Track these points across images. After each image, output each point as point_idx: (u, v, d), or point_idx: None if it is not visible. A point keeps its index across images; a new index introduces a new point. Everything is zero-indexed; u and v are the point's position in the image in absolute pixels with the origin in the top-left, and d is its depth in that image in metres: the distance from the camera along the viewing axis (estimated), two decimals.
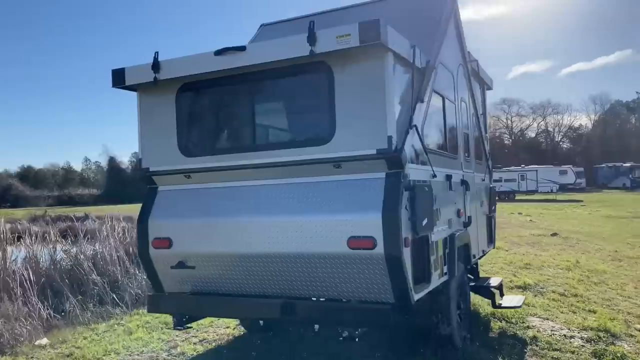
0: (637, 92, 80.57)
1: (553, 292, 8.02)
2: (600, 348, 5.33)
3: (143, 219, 4.76)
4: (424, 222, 4.07)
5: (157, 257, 4.71)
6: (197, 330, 6.50)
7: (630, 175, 56.72)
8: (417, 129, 4.15)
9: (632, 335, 5.94)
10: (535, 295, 7.74)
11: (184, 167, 4.63)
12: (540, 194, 47.16)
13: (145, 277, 10.52)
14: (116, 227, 13.00)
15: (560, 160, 61.42)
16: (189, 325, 4.82)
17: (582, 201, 38.48)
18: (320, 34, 3.79)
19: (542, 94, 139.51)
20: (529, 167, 50.05)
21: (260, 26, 6.63)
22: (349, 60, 3.93)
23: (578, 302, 7.41)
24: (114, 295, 9.78)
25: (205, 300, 4.58)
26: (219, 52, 4.18)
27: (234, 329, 6.40)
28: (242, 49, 4.09)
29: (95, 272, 10.90)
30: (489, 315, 6.39)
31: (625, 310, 7.30)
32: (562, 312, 6.76)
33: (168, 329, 6.88)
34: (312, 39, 3.80)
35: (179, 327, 4.76)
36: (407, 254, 3.86)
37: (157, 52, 4.44)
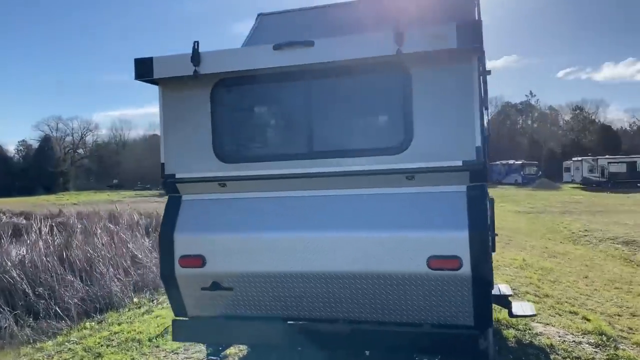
0: (526, 95, 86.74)
1: (526, 292, 8.22)
2: (611, 354, 5.45)
3: (167, 234, 4.12)
4: (493, 237, 3.86)
5: (186, 277, 4.10)
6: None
7: (522, 172, 61.16)
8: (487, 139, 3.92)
9: (625, 337, 6.18)
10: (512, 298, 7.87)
11: (222, 175, 4.05)
12: None
13: (87, 285, 9.55)
14: (43, 229, 11.65)
15: None
16: (224, 354, 4.25)
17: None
18: (411, 33, 3.42)
19: None
20: None
21: (258, 15, 6.07)
22: (429, 62, 3.58)
23: (556, 303, 7.63)
24: (57, 308, 8.73)
25: (254, 327, 4.05)
26: (279, 47, 3.67)
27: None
28: (309, 43, 3.61)
29: (26, 281, 9.72)
30: (495, 322, 6.37)
31: (596, 309, 7.65)
32: (552, 316, 6.90)
33: (147, 346, 6.13)
34: (399, 38, 3.42)
35: (212, 358, 4.17)
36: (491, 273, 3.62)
37: (196, 42, 3.82)
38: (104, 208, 19.24)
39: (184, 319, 4.21)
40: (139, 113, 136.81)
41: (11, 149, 74.61)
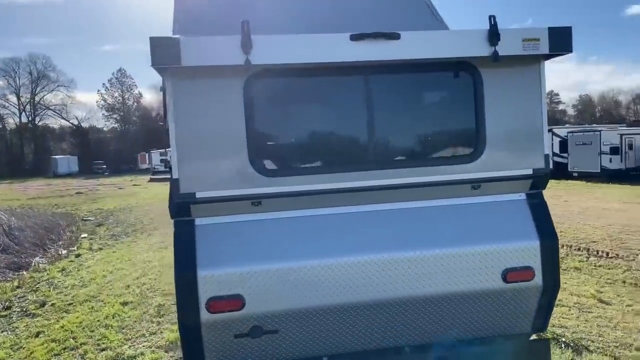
0: None
1: None
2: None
3: (183, 272, 3.12)
4: None
5: (216, 325, 3.18)
6: None
7: None
8: None
9: None
10: None
11: (262, 191, 3.21)
12: None
13: None
14: None
15: None
16: None
17: None
18: (506, 33, 3.15)
19: None
20: None
21: None
22: (498, 64, 3.37)
23: None
24: None
25: None
26: (359, 37, 3.02)
27: None
28: (395, 36, 3.06)
29: None
30: None
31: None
32: None
33: None
34: (494, 38, 3.13)
35: None
36: None
37: (246, 22, 2.91)
38: None
39: None
40: None
41: None
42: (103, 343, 6.46)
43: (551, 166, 5.88)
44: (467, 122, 3.42)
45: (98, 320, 7.33)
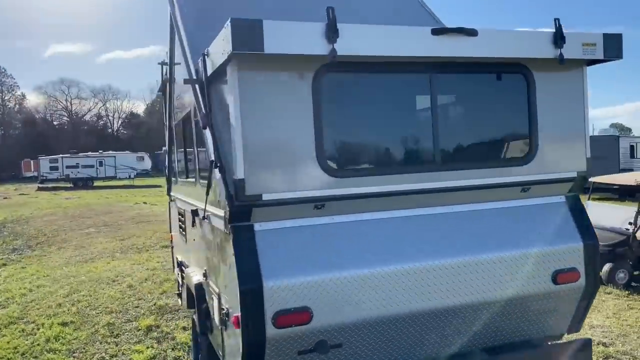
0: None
1: None
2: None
3: (249, 283, 2.79)
4: None
5: (281, 340, 2.87)
6: None
7: None
8: None
9: None
10: None
11: (328, 193, 2.95)
12: (119, 180, 46.88)
13: None
14: None
15: (123, 146, 62.26)
16: None
17: (161, 186, 40.14)
18: (569, 37, 3.18)
19: (82, 76, 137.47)
20: (107, 152, 48.94)
21: None
22: (548, 67, 3.40)
23: None
24: None
25: None
26: (439, 32, 2.89)
27: None
28: (472, 32, 2.96)
29: None
30: None
31: None
32: None
33: None
34: (560, 41, 3.14)
35: None
36: None
37: (331, 8, 2.67)
38: None
39: None
40: None
41: None
42: None
43: None
44: (521, 124, 3.42)
45: (38, 345, 6.48)
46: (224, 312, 3.25)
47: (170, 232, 6.76)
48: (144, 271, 9.95)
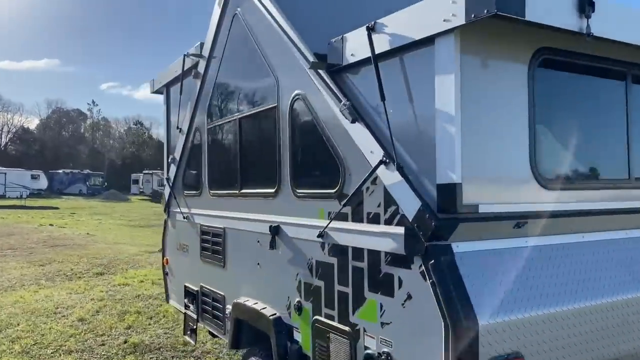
0: (88, 104, 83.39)
1: None
2: None
3: (464, 321, 2.12)
4: None
5: None
6: None
7: (87, 182, 58.37)
8: None
9: None
10: None
11: (542, 209, 2.38)
12: (9, 199, 42.48)
13: None
14: None
15: (12, 163, 56.95)
16: None
17: (58, 208, 36.75)
18: None
19: None
20: None
21: None
22: None
23: None
24: None
25: None
26: None
27: None
28: None
29: None
30: None
31: None
32: None
33: None
34: None
35: None
36: None
37: None
38: None
39: None
40: None
41: None
42: None
43: None
44: None
45: None
46: (372, 355, 2.53)
47: (165, 256, 5.72)
48: (90, 302, 8.55)
